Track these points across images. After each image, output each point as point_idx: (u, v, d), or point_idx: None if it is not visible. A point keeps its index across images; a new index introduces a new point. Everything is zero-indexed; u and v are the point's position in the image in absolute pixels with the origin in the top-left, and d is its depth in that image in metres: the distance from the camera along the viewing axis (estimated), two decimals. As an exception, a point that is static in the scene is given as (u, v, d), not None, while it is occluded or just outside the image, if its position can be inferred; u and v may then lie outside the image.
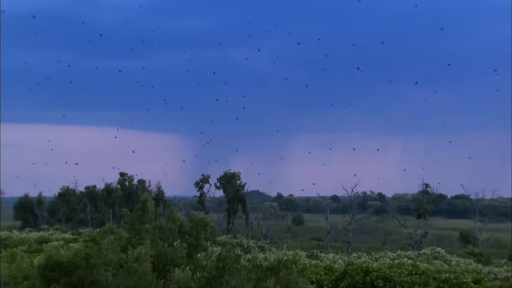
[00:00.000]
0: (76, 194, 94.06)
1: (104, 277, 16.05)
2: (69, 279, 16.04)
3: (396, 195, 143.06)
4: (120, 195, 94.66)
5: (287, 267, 15.76)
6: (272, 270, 15.74)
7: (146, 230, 19.69)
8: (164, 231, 20.39)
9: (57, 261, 16.43)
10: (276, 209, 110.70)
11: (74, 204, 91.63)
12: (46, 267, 16.53)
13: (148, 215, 20.14)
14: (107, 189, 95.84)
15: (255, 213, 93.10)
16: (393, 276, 21.76)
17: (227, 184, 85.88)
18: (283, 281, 15.43)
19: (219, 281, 15.66)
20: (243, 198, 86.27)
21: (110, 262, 16.52)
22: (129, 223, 20.38)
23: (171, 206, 74.43)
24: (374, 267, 22.78)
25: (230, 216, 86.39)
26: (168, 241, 19.93)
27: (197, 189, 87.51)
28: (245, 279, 15.55)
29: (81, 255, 16.25)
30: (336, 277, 22.64)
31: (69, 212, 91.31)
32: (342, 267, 23.49)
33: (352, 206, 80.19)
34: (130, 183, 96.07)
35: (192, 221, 21.36)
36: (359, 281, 22.00)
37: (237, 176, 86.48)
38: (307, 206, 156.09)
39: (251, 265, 16.18)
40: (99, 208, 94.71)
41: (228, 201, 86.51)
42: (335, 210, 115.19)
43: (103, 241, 17.73)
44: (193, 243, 20.53)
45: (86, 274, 15.89)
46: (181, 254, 18.97)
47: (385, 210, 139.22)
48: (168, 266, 18.11)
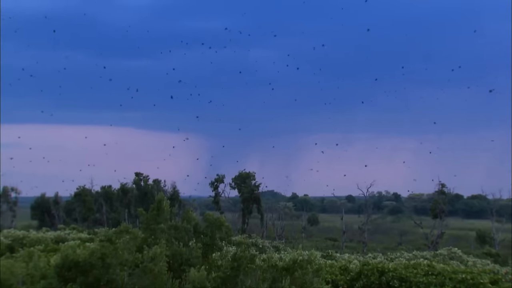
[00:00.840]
0: (92, 194, 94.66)
1: (120, 277, 16.12)
2: (85, 278, 16.14)
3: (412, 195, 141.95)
4: (136, 195, 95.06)
5: (302, 267, 15.72)
6: (287, 270, 15.71)
7: (162, 230, 19.76)
8: (179, 231, 20.45)
9: (74, 260, 16.54)
10: (291, 209, 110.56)
11: (90, 204, 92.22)
12: (63, 266, 16.64)
13: (164, 215, 20.21)
14: (123, 189, 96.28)
15: (270, 213, 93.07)
16: (409, 277, 21.61)
17: (242, 184, 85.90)
18: (298, 281, 15.39)
19: (234, 281, 15.65)
20: (258, 198, 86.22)
21: (125, 262, 16.59)
22: (144, 223, 20.47)
23: (186, 206, 74.76)
24: (390, 268, 22.64)
25: (245, 216, 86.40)
26: (183, 241, 19.98)
27: (212, 189, 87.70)
28: (260, 279, 15.53)
29: (97, 254, 16.34)
30: (352, 277, 22.55)
31: (85, 212, 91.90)
32: (357, 267, 23.38)
33: (367, 206, 79.88)
34: (146, 183, 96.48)
35: (207, 221, 21.41)
36: (375, 281, 21.88)
37: (252, 176, 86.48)
38: (322, 206, 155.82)
39: (266, 265, 16.15)
40: (115, 208, 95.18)
41: (243, 201, 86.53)
42: (350, 210, 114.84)
43: (119, 241, 17.82)
44: (208, 243, 20.57)
45: (102, 274, 15.98)
46: (196, 254, 19.00)
47: (401, 210, 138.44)
48: (183, 266, 18.16)
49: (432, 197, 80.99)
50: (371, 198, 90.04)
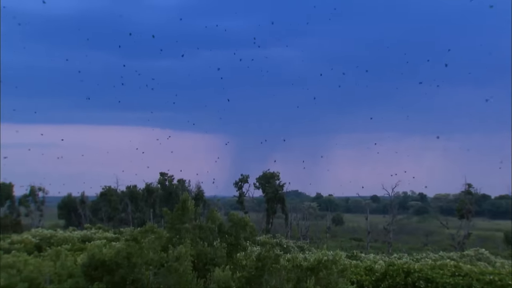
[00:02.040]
0: (117, 193, 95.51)
1: (145, 276, 16.24)
2: (112, 277, 16.30)
3: (438, 195, 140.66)
4: (161, 195, 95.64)
5: (327, 268, 15.67)
6: (312, 270, 15.67)
7: (186, 230, 19.86)
8: (204, 231, 20.52)
9: (100, 259, 16.71)
10: (315, 209, 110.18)
11: (115, 203, 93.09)
12: (89, 265, 16.83)
13: (188, 214, 20.31)
14: (148, 189, 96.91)
15: (294, 213, 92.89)
16: (435, 278, 21.41)
17: (266, 184, 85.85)
18: (323, 282, 15.34)
19: (258, 280, 15.66)
20: (282, 198, 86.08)
21: (151, 261, 16.71)
22: (169, 223, 20.60)
23: (211, 206, 75.00)
24: (416, 268, 22.47)
25: (269, 216, 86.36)
26: (208, 240, 20.05)
27: (237, 189, 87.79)
28: (284, 279, 15.52)
29: (123, 254, 16.48)
30: (377, 278, 22.42)
31: (111, 212, 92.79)
32: (382, 268, 23.24)
33: (392, 206, 79.25)
34: (170, 182, 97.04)
35: (232, 221, 21.45)
36: (400, 282, 21.73)
37: (276, 176, 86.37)
38: (347, 206, 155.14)
39: (290, 265, 16.13)
40: (140, 207, 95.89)
41: (267, 201, 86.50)
42: (375, 210, 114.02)
43: (144, 241, 17.95)
44: (233, 243, 20.60)
45: (128, 273, 16.11)
46: (221, 253, 19.06)
47: (426, 211, 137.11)
48: (208, 266, 18.22)
49: (459, 197, 80.00)
50: (396, 198, 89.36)
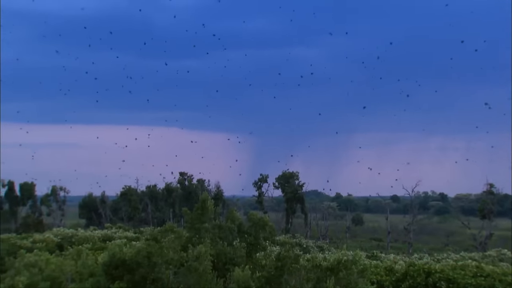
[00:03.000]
0: (137, 193, 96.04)
1: (166, 275, 16.34)
2: (132, 276, 16.42)
3: (459, 195, 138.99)
4: (180, 195, 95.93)
5: (347, 268, 15.62)
6: (331, 270, 15.63)
7: (206, 229, 19.93)
8: (224, 230, 20.58)
9: (120, 259, 16.85)
10: (335, 209, 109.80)
11: (135, 203, 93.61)
12: (110, 264, 16.98)
13: (208, 214, 20.39)
14: (167, 189, 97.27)
15: (314, 213, 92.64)
16: (457, 278, 21.23)
17: (286, 183, 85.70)
18: (343, 282, 15.29)
19: (278, 280, 15.66)
20: (302, 197, 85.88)
21: (171, 261, 16.80)
22: (189, 222, 20.69)
23: (230, 206, 75.08)
24: (437, 269, 22.29)
25: (289, 215, 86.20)
26: (227, 240, 20.10)
27: (256, 189, 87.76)
28: (304, 279, 15.50)
29: (143, 253, 16.60)
30: (397, 278, 22.28)
31: (131, 211, 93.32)
32: (403, 268, 23.09)
33: (413, 206, 78.68)
34: (190, 182, 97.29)
35: (251, 221, 21.48)
36: (421, 282, 21.58)
37: (296, 175, 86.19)
38: (366, 206, 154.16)
39: (310, 265, 16.11)
40: (160, 207, 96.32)
41: (286, 201, 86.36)
42: (395, 210, 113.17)
43: (164, 240, 18.06)
44: (252, 243, 20.64)
45: (148, 272, 16.22)
46: (240, 253, 19.10)
47: (447, 211, 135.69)
48: (227, 265, 18.27)
49: (480, 197, 79.18)
50: (417, 198, 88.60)
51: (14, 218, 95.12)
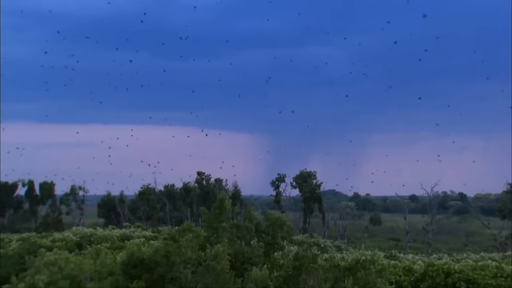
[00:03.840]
0: (155, 192, 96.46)
1: (184, 274, 16.40)
2: (150, 275, 16.51)
3: (478, 195, 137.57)
4: (198, 194, 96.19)
5: (365, 267, 15.55)
6: (349, 270, 15.57)
7: (224, 229, 19.96)
8: (241, 230, 20.60)
9: (139, 258, 16.94)
10: (352, 209, 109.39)
11: (153, 202, 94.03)
12: (129, 263, 17.08)
13: (225, 213, 20.42)
14: (185, 188, 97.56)
15: (332, 212, 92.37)
16: (477, 279, 21.02)
17: (303, 183, 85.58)
18: (361, 281, 15.22)
19: (296, 280, 15.64)
20: (319, 197, 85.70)
21: (189, 260, 16.86)
22: (206, 222, 20.74)
23: (248, 205, 75.12)
24: (456, 269, 22.10)
25: (306, 215, 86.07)
26: (245, 239, 20.11)
27: (273, 188, 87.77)
28: (322, 278, 15.46)
29: (161, 252, 16.68)
30: (416, 278, 22.14)
31: (149, 210, 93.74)
32: (422, 268, 22.93)
33: (431, 206, 78.12)
34: (207, 182, 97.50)
35: (269, 220, 21.47)
36: (440, 282, 21.41)
37: (313, 175, 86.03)
38: (385, 206, 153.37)
39: (328, 264, 16.07)
40: (178, 206, 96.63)
41: (304, 200, 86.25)
42: (413, 210, 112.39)
43: (182, 239, 18.13)
44: (270, 242, 20.63)
45: (166, 271, 16.29)
46: (258, 252, 19.10)
47: (467, 211, 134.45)
48: (245, 265, 18.28)
49: (500, 197, 78.41)
50: (436, 198, 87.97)
51: (34, 217, 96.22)
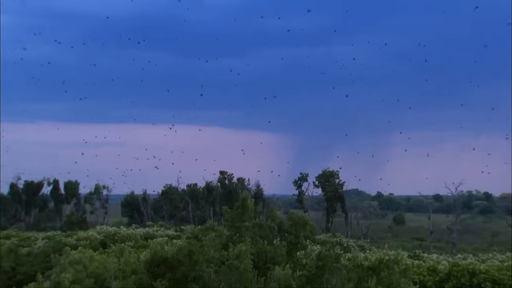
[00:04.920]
0: (178, 192, 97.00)
1: (207, 273, 16.44)
2: (173, 274, 16.59)
3: (504, 195, 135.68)
4: (220, 193, 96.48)
5: (388, 267, 15.43)
6: (373, 270, 15.47)
7: (246, 228, 19.99)
8: (264, 229, 20.60)
9: (162, 257, 17.04)
10: (375, 208, 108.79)
11: (176, 201, 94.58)
12: (152, 262, 17.19)
13: (248, 213, 20.44)
14: (208, 187, 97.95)
15: (355, 211, 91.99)
16: (503, 279, 20.72)
17: (326, 182, 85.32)
18: (385, 281, 15.11)
19: (319, 279, 15.58)
20: (342, 196, 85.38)
21: (212, 259, 16.91)
22: (229, 221, 20.79)
23: (270, 205, 75.04)
24: (481, 269, 21.80)
25: (329, 214, 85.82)
26: (268, 239, 20.11)
27: (296, 188, 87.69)
28: (345, 278, 15.38)
29: (184, 251, 16.75)
30: (441, 278, 21.90)
31: (172, 210, 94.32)
32: (446, 268, 22.67)
33: (456, 205, 77.33)
34: (230, 181, 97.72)
35: (292, 220, 21.45)
36: (465, 283, 21.15)
37: (336, 174, 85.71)
38: (408, 205, 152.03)
39: (351, 264, 15.98)
40: (200, 205, 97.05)
41: (326, 200, 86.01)
42: (437, 209, 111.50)
43: (205, 238, 18.19)
44: (293, 242, 20.60)
45: (189, 270, 16.36)
46: (280, 252, 19.08)
47: (492, 210, 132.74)
48: (268, 264, 18.28)
49: (527, 196, 77.38)
50: (460, 197, 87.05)
51: (59, 216, 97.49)
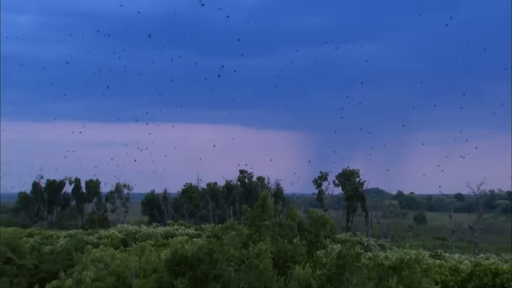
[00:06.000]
0: (198, 190, 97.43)
1: (227, 272, 16.46)
2: (194, 273, 16.62)
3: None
4: (240, 192, 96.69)
5: (409, 267, 15.32)
6: (394, 269, 15.37)
7: (266, 227, 19.97)
8: (284, 228, 20.57)
9: (183, 255, 17.09)
10: (396, 207, 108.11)
11: (196, 200, 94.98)
12: (173, 260, 17.25)
13: (268, 212, 20.42)
14: (228, 186, 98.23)
15: (375, 211, 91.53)
16: (526, 279, 20.48)
17: (346, 181, 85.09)
18: (406, 281, 15.01)
19: (339, 279, 15.52)
20: (362, 195, 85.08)
21: (232, 258, 16.93)
22: (249, 220, 20.79)
23: (290, 203, 74.98)
24: (505, 269, 21.54)
25: (349, 213, 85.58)
26: (288, 238, 20.08)
27: (316, 187, 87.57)
28: (366, 277, 15.31)
29: (205, 250, 16.78)
30: (463, 278, 21.69)
31: (192, 208, 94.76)
32: (468, 268, 22.44)
33: (478, 204, 76.55)
34: (250, 180, 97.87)
35: (312, 218, 21.38)
36: (488, 283, 20.92)
37: (356, 173, 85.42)
38: (429, 204, 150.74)
39: (372, 263, 15.89)
40: (220, 204, 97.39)
41: (347, 199, 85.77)
42: (459, 208, 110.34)
43: (225, 237, 18.22)
44: (313, 240, 20.54)
45: (210, 269, 16.38)
46: (301, 251, 19.04)
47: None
48: (288, 263, 18.25)
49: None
50: (482, 196, 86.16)
51: (80, 214, 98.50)
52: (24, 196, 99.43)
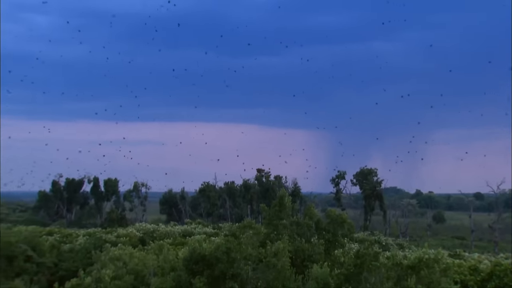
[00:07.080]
0: (215, 189, 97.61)
1: (244, 271, 16.49)
2: (212, 271, 16.68)
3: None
4: (258, 191, 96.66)
5: (428, 266, 15.21)
6: (412, 269, 15.27)
7: (284, 226, 19.98)
8: (302, 227, 20.56)
9: (200, 254, 17.15)
10: (414, 206, 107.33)
11: (214, 199, 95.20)
12: (190, 259, 17.32)
13: (286, 211, 20.43)
14: (245, 185, 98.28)
15: (393, 210, 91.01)
16: (547, 279, 20.23)
17: (364, 180, 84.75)
18: (425, 280, 14.90)
19: (357, 278, 15.47)
20: (380, 194, 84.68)
21: (249, 257, 16.94)
22: (267, 219, 20.82)
23: (308, 202, 74.84)
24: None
25: (367, 212, 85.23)
26: (305, 237, 20.07)
27: (333, 186, 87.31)
28: (384, 277, 15.23)
29: (222, 249, 16.82)
30: (482, 278, 21.49)
31: (210, 207, 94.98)
32: (488, 268, 22.23)
33: (498, 203, 75.78)
34: (267, 179, 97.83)
35: (329, 218, 21.33)
36: (508, 283, 20.70)
37: (374, 172, 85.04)
38: (448, 204, 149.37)
39: (390, 263, 15.81)
40: (238, 203, 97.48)
41: (364, 198, 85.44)
42: (478, 208, 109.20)
43: (243, 236, 18.26)
44: (331, 240, 20.50)
45: (227, 268, 16.42)
46: (318, 250, 19.02)
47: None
48: (306, 262, 18.24)
49: None
50: (502, 195, 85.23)
51: (99, 213, 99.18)
52: (43, 195, 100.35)
